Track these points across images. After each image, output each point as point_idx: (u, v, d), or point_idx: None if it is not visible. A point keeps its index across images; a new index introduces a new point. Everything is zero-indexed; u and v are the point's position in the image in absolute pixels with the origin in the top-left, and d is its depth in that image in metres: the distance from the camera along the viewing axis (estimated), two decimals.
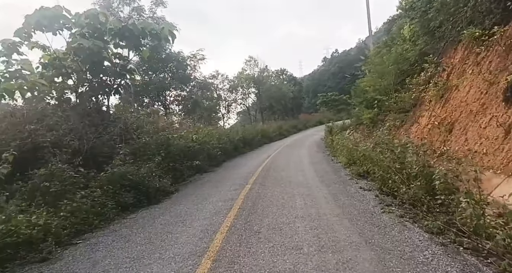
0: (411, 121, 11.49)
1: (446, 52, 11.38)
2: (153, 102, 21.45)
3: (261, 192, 6.27)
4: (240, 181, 7.67)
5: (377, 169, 5.86)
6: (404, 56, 15.09)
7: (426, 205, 3.92)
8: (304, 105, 60.09)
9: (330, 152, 13.65)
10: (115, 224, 4.70)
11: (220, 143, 13.50)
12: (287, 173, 8.62)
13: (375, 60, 17.11)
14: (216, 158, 11.95)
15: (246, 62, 36.79)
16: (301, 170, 9.09)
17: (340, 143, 12.07)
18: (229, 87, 36.61)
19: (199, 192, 6.79)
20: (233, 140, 15.88)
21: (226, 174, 9.25)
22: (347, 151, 9.48)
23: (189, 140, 10.42)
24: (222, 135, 14.42)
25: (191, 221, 4.47)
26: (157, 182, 6.43)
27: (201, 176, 9.34)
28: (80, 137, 6.46)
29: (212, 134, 13.59)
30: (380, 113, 16.51)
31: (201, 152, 10.66)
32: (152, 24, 7.97)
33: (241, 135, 16.84)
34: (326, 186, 6.56)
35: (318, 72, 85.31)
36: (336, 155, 11.63)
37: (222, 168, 10.79)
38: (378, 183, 5.79)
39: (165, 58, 19.95)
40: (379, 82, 16.42)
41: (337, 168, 9.06)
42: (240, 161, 12.52)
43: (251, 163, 11.52)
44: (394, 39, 18.36)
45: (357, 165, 8.21)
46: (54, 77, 7.65)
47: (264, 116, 37.92)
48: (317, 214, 4.42)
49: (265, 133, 23.74)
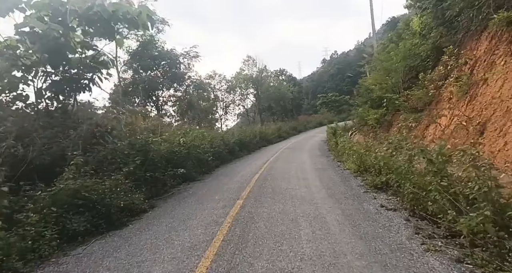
0: (427, 121, 10.20)
1: (466, 43, 10.09)
2: (144, 103, 20.13)
3: (255, 211, 4.94)
4: (231, 195, 6.33)
5: (405, 182, 4.54)
6: (413, 51, 13.83)
7: (497, 246, 2.61)
8: (304, 106, 59.00)
9: (334, 156, 12.33)
10: (46, 267, 3.35)
11: (213, 147, 12.17)
12: (288, 183, 7.29)
13: (380, 56, 15.85)
14: (208, 164, 10.61)
15: (244, 61, 35.56)
16: (303, 178, 7.77)
17: (347, 147, 10.75)
18: (226, 88, 35.35)
19: (178, 211, 5.44)
20: (228, 143, 14.55)
21: (216, 185, 7.91)
22: (357, 157, 8.17)
23: (175, 144, 9.09)
24: (216, 138, 13.08)
25: (151, 265, 3.13)
26: (124, 198, 5.08)
27: (187, 186, 8.00)
28: (28, 143, 5.12)
29: (204, 136, 12.26)
30: (386, 113, 15.26)
31: (189, 158, 9.33)
32: (126, 7, 6.64)
33: (237, 137, 15.52)
34: (336, 202, 5.24)
35: (317, 74, 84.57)
36: (343, 160, 10.31)
37: (213, 177, 9.45)
38: (406, 200, 4.47)
39: (156, 56, 18.63)
40: (385, 80, 15.15)
41: (346, 176, 7.74)
42: (235, 167, 11.18)
43: (246, 169, 10.18)
44: (401, 35, 17.09)
45: (371, 174, 6.89)
46: (6, 70, 6.31)
47: (263, 118, 36.62)
48: (332, 253, 3.09)
49: (263, 135, 22.43)
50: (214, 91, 34.39)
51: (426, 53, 12.69)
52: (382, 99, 15.82)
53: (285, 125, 30.06)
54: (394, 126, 13.92)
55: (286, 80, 42.44)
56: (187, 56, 20.10)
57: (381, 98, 15.96)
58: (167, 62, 19.14)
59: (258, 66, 35.51)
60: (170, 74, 19.41)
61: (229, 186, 7.44)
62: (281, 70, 42.74)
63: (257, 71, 35.29)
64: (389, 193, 5.46)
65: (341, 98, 47.89)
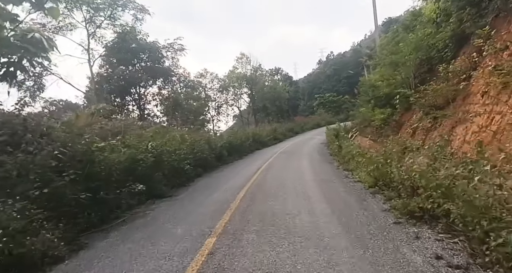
0: (452, 121, 8.40)
1: (500, 27, 8.34)
2: (123, 101, 18.07)
3: (229, 266, 3.03)
4: (201, 226, 4.38)
5: (475, 216, 2.68)
6: (427, 41, 12.09)
7: None
8: (300, 107, 57.47)
9: (339, 162, 10.44)
10: None
11: (195, 152, 10.21)
12: (283, 204, 5.38)
13: (388, 48, 14.06)
14: (186, 173, 8.64)
15: (237, 59, 33.66)
16: (304, 196, 5.87)
17: (356, 152, 8.88)
18: (219, 87, 33.42)
19: (111, 260, 3.49)
20: (215, 147, 12.61)
21: (187, 205, 5.95)
22: (373, 166, 6.28)
23: (141, 150, 7.12)
24: (199, 141, 11.12)
25: None
26: (21, 242, 3.11)
27: (150, 207, 6.03)
28: None
29: (184, 139, 10.30)
30: (394, 113, 13.48)
31: (159, 168, 7.38)
32: None
33: (225, 140, 13.58)
34: (359, 245, 3.33)
35: (314, 75, 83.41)
36: (350, 169, 8.44)
37: (188, 191, 7.46)
38: (473, 245, 2.60)
39: (135, 49, 16.57)
40: (394, 75, 13.39)
41: (360, 194, 5.85)
42: (220, 177, 9.22)
43: (233, 181, 8.25)
44: (408, 27, 15.31)
45: (396, 192, 5.00)
46: None
47: (257, 119, 34.72)
48: None
49: (257, 137, 20.53)
50: (205, 91, 32.48)
51: (444, 42, 10.90)
52: (390, 96, 14.03)
53: (281, 127, 28.19)
54: (405, 127, 12.13)
55: (282, 79, 40.60)
56: (171, 48, 18.11)
57: (388, 96, 14.19)
58: (149, 56, 17.09)
59: (253, 64, 33.67)
60: (152, 69, 17.35)
61: (204, 208, 5.48)
62: (277, 69, 40.94)
63: (251, 69, 33.44)
64: (439, 227, 3.57)
65: (339, 99, 46.28)
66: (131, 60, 16.79)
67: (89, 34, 15.39)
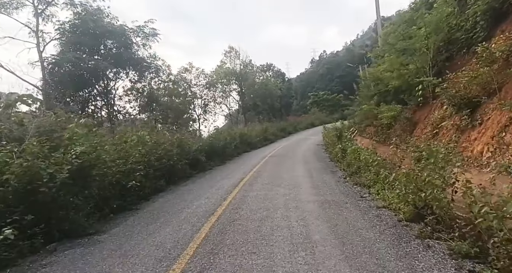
0: (503, 117, 6.18)
1: None
2: (88, 96, 15.33)
3: None
4: None
5: None
6: (448, 22, 9.93)
7: None
8: (293, 107, 55.56)
9: (344, 171, 8.08)
10: None
11: (158, 158, 7.72)
12: (269, 256, 3.00)
13: (398, 32, 11.81)
14: (135, 191, 6.12)
15: (225, 53, 31.09)
16: (302, 238, 3.49)
17: (372, 161, 6.51)
18: (205, 83, 30.77)
19: None
20: (189, 151, 10.10)
21: (105, 260, 3.46)
22: (414, 188, 3.92)
23: (54, 161, 4.60)
24: (163, 144, 8.58)
25: None
26: None
27: (37, 263, 3.53)
28: None
29: (142, 141, 7.78)
30: (402, 110, 11.29)
31: (83, 186, 4.87)
32: None
33: (201, 143, 11.08)
34: None
35: (306, 74, 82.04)
36: (365, 183, 6.10)
37: (122, 227, 4.79)
38: None
39: (98, 33, 13.80)
40: (406, 64, 11.16)
41: (396, 234, 3.48)
42: (183, 196, 6.67)
43: (201, 201, 5.80)
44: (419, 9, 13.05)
45: (473, 244, 2.65)
46: None
47: (247, 117, 32.24)
48: None
49: (245, 138, 18.10)
50: (190, 87, 29.83)
51: (474, 19, 8.70)
52: (400, 90, 11.83)
53: (272, 126, 25.79)
54: (421, 126, 9.90)
55: (274, 76, 38.19)
56: (141, 33, 15.39)
57: (397, 90, 11.98)
58: (116, 42, 14.37)
59: (242, 59, 31.14)
60: (121, 58, 14.63)
61: (130, 269, 3.04)
62: (269, 65, 38.47)
63: (241, 64, 30.91)
64: None
65: (333, 97, 44.28)
66: (95, 47, 14.04)
67: (37, 11, 12.58)
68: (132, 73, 16.74)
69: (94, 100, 15.86)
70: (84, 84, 14.41)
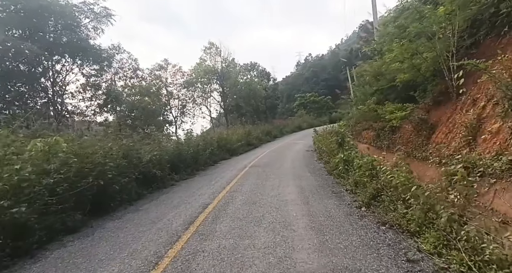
0: None
1: None
2: (27, 92, 12.21)
3: None
4: None
5: None
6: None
7: None
8: (279, 110, 53.60)
9: (353, 194, 5.62)
10: None
11: (83, 176, 4.99)
12: None
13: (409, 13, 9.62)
14: (26, 234, 3.39)
15: (205, 49, 28.37)
16: None
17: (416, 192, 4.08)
18: (183, 82, 27.92)
19: None
20: (138, 164, 7.35)
21: None
22: None
23: None
24: (95, 153, 5.82)
25: None
26: None
27: None
28: None
29: (55, 149, 5.02)
30: (414, 109, 9.07)
31: None
32: None
33: (157, 152, 8.32)
34: None
35: (292, 77, 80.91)
36: (400, 222, 3.68)
37: None
38: None
39: (39, 12, 10.71)
40: (421, 51, 8.90)
41: None
42: (113, 237, 4.02)
43: (130, 248, 3.17)
44: None
45: None
46: None
47: (229, 120, 29.59)
48: None
49: (224, 142, 15.49)
50: (166, 86, 26.90)
51: None
52: (411, 85, 9.65)
53: (256, 129, 23.25)
54: (445, 130, 7.61)
55: (259, 76, 35.78)
56: (91, 12, 12.43)
57: (407, 84, 9.78)
58: (57, 24, 11.31)
59: (223, 56, 28.53)
60: (70, 46, 11.65)
61: None
62: (253, 64, 36.00)
63: (222, 62, 28.29)
64: None
65: (321, 99, 42.46)
66: (32, 30, 10.94)
67: None
68: (88, 67, 13.74)
69: (33, 97, 12.72)
70: (18, 77, 11.28)
